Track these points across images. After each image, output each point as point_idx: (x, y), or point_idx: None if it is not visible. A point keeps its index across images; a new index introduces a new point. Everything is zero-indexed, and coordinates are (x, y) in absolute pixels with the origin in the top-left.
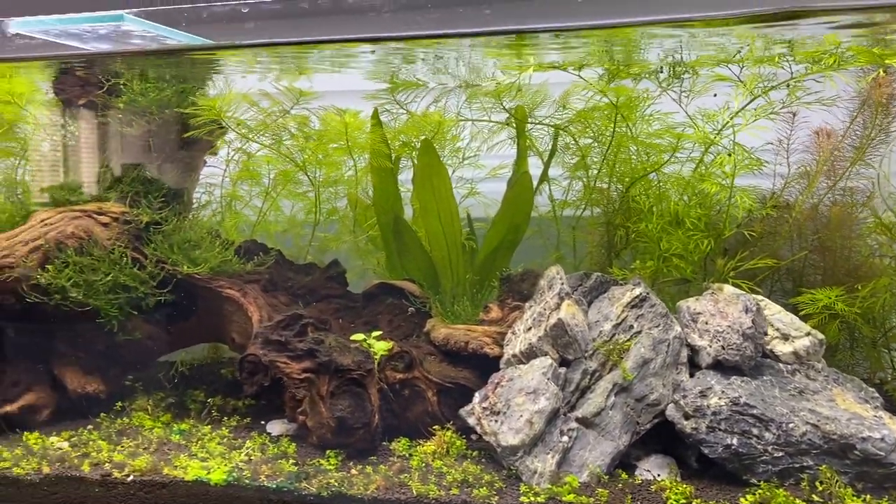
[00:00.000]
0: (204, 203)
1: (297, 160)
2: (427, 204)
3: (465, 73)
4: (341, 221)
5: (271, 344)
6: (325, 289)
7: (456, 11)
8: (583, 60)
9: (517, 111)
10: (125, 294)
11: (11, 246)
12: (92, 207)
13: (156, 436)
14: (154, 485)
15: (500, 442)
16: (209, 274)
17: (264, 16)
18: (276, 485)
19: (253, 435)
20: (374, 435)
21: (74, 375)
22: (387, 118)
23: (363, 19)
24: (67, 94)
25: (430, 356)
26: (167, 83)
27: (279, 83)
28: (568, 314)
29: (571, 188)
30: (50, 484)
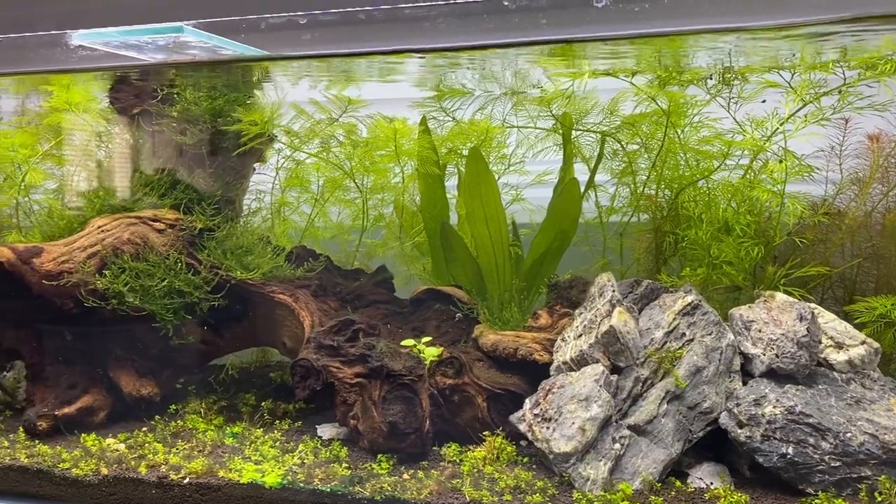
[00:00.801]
0: (254, 210)
1: (346, 167)
2: (474, 211)
3: (511, 80)
4: (388, 228)
5: (324, 349)
6: (372, 294)
7: (511, 20)
8: (634, 67)
9: (564, 118)
10: (180, 299)
11: (70, 252)
12: (147, 214)
13: (209, 439)
14: (210, 487)
15: (552, 448)
16: (261, 279)
17: (321, 26)
18: (329, 488)
19: (305, 438)
20: (426, 440)
21: (129, 378)
22: (433, 125)
23: (418, 28)
24: (123, 104)
25: (479, 362)
26: (219, 92)
27: (328, 92)
28: (620, 321)
29: (618, 194)
30: (108, 485)
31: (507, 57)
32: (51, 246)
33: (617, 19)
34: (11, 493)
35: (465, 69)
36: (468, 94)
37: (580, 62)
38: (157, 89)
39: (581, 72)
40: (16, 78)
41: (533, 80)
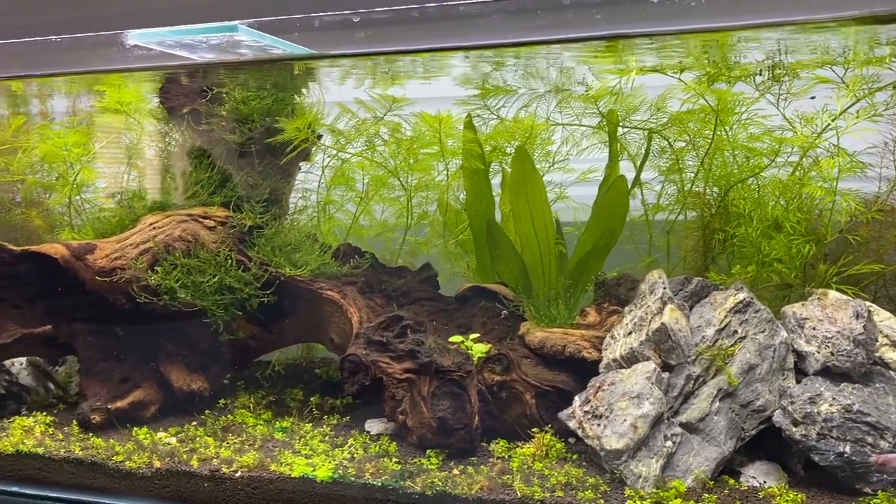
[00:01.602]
0: (300, 208)
1: (390, 165)
2: (520, 209)
3: (555, 77)
4: (431, 225)
5: (373, 344)
6: (417, 291)
7: (565, 17)
8: (682, 64)
9: (610, 115)
10: (230, 295)
11: (123, 248)
12: (198, 212)
13: (259, 433)
14: (261, 481)
15: (603, 446)
16: (309, 276)
17: (374, 24)
18: (380, 483)
19: (353, 433)
20: (474, 436)
21: (180, 373)
22: (477, 123)
23: (472, 25)
24: (172, 103)
25: (526, 359)
26: (268, 92)
27: (373, 91)
28: (671, 319)
29: (664, 192)
30: (161, 478)
31: (551, 54)
32: (104, 243)
33: (672, 14)
34: (66, 485)
35: (510, 67)
36: (512, 91)
37: (627, 58)
38: (206, 89)
39: (628, 68)
40: (70, 78)
41: (578, 77)
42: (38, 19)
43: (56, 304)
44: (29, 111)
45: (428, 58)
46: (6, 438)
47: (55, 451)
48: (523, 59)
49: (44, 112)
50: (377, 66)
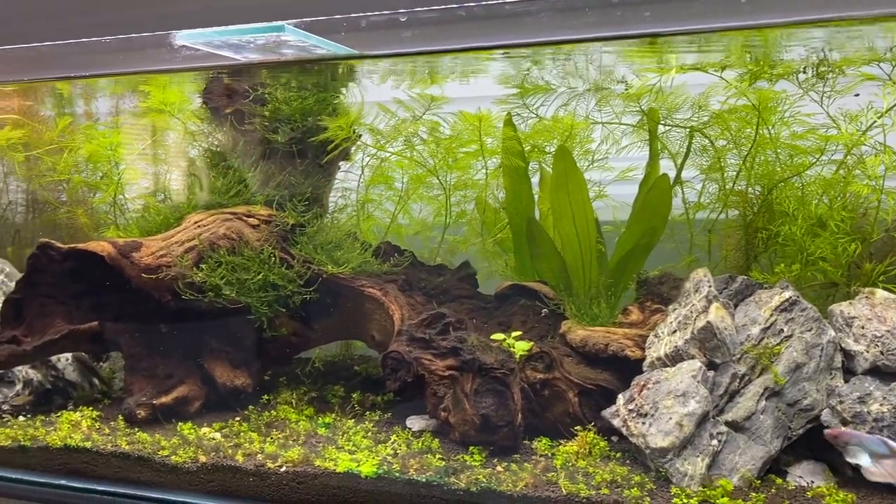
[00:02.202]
0: (340, 207)
1: (429, 165)
2: (561, 207)
3: (595, 75)
4: (469, 224)
5: (416, 341)
6: (456, 289)
7: (613, 14)
8: (724, 61)
9: (651, 113)
10: (274, 292)
11: (168, 246)
12: (241, 210)
13: (302, 428)
14: (306, 476)
15: (648, 444)
16: (351, 274)
17: (421, 24)
18: (425, 479)
19: (396, 429)
20: (518, 433)
21: (223, 369)
22: (516, 122)
23: (520, 24)
24: (215, 103)
25: (567, 357)
26: (309, 92)
27: (412, 90)
28: (717, 317)
29: (705, 190)
30: (207, 472)
31: (592, 52)
32: (149, 240)
33: (722, 12)
34: (113, 479)
35: (548, 65)
36: (551, 90)
37: (668, 56)
38: (248, 89)
39: (669, 66)
40: (115, 78)
41: (618, 75)
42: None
43: (102, 300)
44: (74, 112)
45: (470, 57)
46: (54, 432)
47: (102, 445)
48: (563, 57)
49: (88, 112)
50: (416, 66)
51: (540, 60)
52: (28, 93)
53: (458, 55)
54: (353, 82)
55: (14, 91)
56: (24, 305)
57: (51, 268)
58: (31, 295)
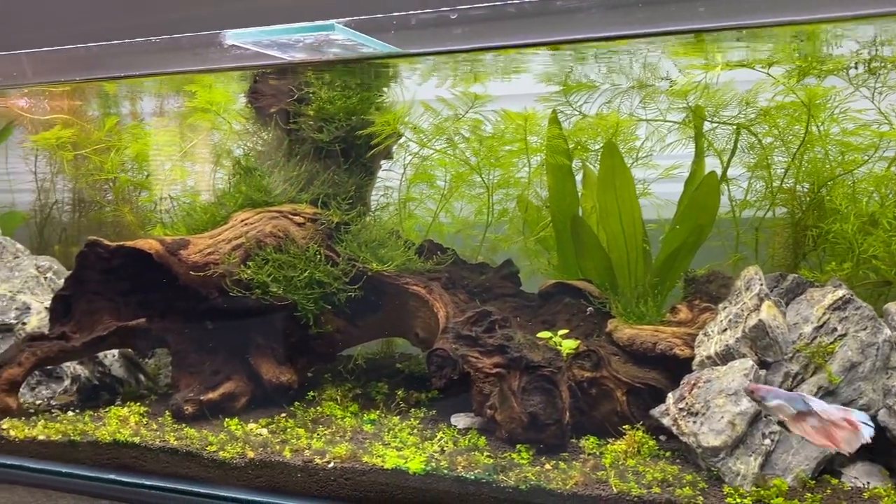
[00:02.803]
0: (383, 205)
1: (472, 163)
2: (608, 205)
3: (638, 72)
4: (511, 222)
5: (462, 339)
6: (499, 287)
7: (666, 10)
8: (771, 58)
9: (696, 111)
10: (320, 289)
11: (216, 244)
12: (287, 208)
13: (348, 425)
14: (354, 472)
15: (700, 443)
16: (395, 271)
17: (471, 21)
18: (474, 476)
19: (441, 427)
20: (565, 432)
21: (269, 366)
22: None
23: (571, 20)
24: (260, 103)
25: (614, 356)
26: (353, 91)
27: (455, 89)
28: (769, 315)
29: (752, 188)
30: (254, 468)
31: (636, 49)
32: (196, 238)
33: (774, 7)
34: (162, 474)
35: (592, 63)
36: (595, 87)
37: (715, 53)
38: (293, 88)
39: (715, 63)
40: (161, 78)
41: (662, 72)
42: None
43: (149, 298)
44: (120, 112)
45: (515, 54)
46: (103, 428)
47: (151, 440)
48: (606, 53)
49: (134, 112)
50: (460, 64)
51: (583, 57)
52: (77, 93)
53: (507, 52)
54: (395, 81)
55: (64, 91)
56: (73, 302)
57: (99, 265)
58: (80, 292)
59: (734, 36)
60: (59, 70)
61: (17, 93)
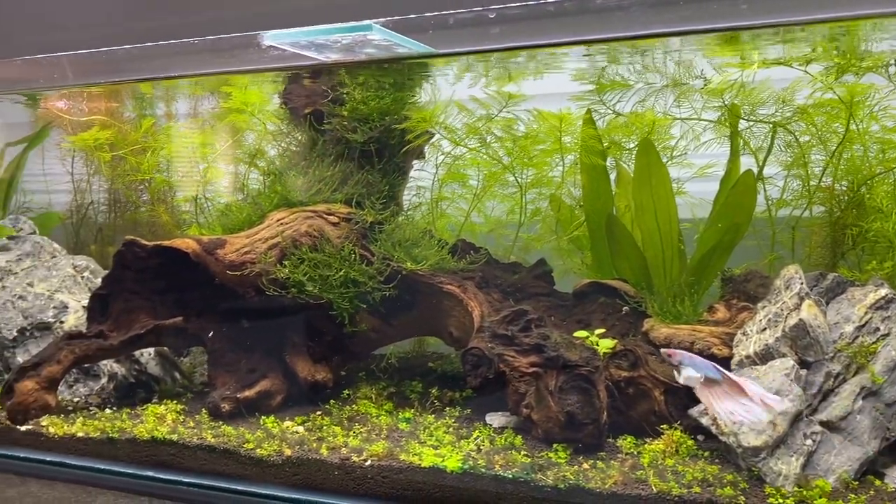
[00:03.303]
0: (416, 204)
1: (504, 162)
2: (644, 203)
3: (672, 71)
4: (543, 222)
5: (498, 338)
6: (533, 287)
7: (709, 7)
8: (809, 55)
9: (732, 109)
10: (355, 288)
11: (252, 243)
12: (322, 208)
13: (384, 423)
14: (391, 469)
15: (740, 442)
16: (429, 271)
17: (509, 20)
18: (511, 475)
19: (477, 425)
20: (603, 431)
21: (305, 364)
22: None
23: (610, 18)
24: (294, 104)
25: (650, 356)
26: (386, 91)
27: (488, 88)
28: (810, 314)
29: (788, 187)
30: (292, 465)
31: (670, 47)
32: (233, 238)
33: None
34: (200, 471)
35: (625, 61)
36: (628, 86)
37: (751, 51)
38: (327, 89)
39: (752, 61)
40: (196, 79)
41: (696, 70)
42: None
43: (185, 296)
44: (155, 113)
45: (548, 53)
46: (141, 425)
47: (188, 438)
48: (641, 51)
49: (169, 114)
50: (493, 64)
51: (617, 56)
52: (114, 94)
53: (549, 51)
54: (428, 81)
55: (101, 93)
56: (110, 301)
57: (136, 264)
58: (117, 291)
59: (772, 33)
60: (98, 72)
61: (55, 94)
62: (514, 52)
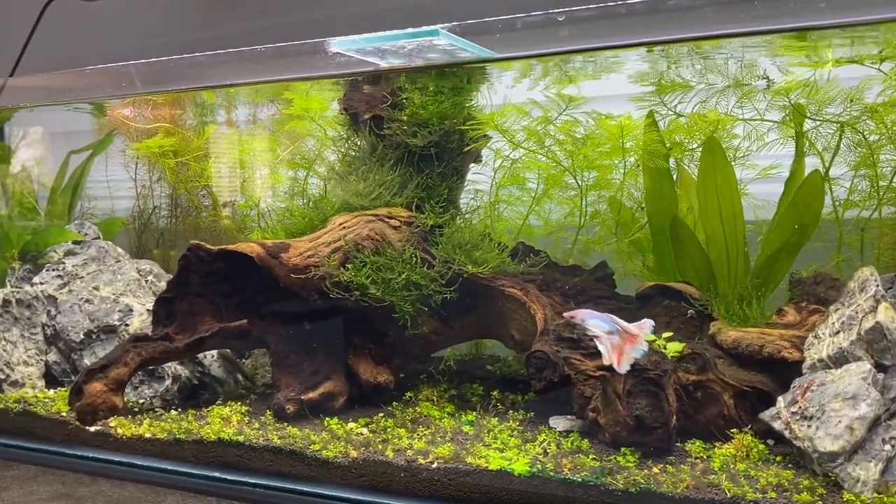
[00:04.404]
0: (474, 207)
1: (565, 165)
2: (707, 204)
3: (734, 71)
4: (602, 224)
5: (564, 341)
6: (594, 290)
7: (785, 6)
8: (882, 54)
9: (797, 109)
10: (416, 291)
11: (315, 247)
12: (382, 212)
13: (447, 426)
14: (458, 472)
15: (816, 447)
16: (490, 273)
17: (578, 22)
18: (581, 478)
19: (541, 429)
20: (672, 435)
21: (367, 366)
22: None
23: (683, 18)
24: (355, 109)
25: (718, 359)
26: (445, 96)
27: (549, 91)
28: (886, 317)
29: (855, 188)
30: (358, 467)
31: (734, 48)
32: (296, 242)
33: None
34: (266, 472)
35: (687, 62)
36: (689, 87)
37: (823, 50)
38: (386, 94)
39: (822, 60)
40: (257, 87)
41: (759, 70)
42: (241, 28)
43: (248, 299)
44: (216, 119)
45: (610, 55)
46: (207, 426)
47: (254, 439)
48: (703, 52)
49: (230, 120)
50: (550, 67)
51: (677, 57)
52: (177, 102)
53: (606, 53)
54: (486, 84)
55: (165, 100)
56: (176, 304)
57: (200, 268)
58: (182, 294)
59: (844, 32)
60: (165, 80)
61: (120, 102)
62: (573, 56)
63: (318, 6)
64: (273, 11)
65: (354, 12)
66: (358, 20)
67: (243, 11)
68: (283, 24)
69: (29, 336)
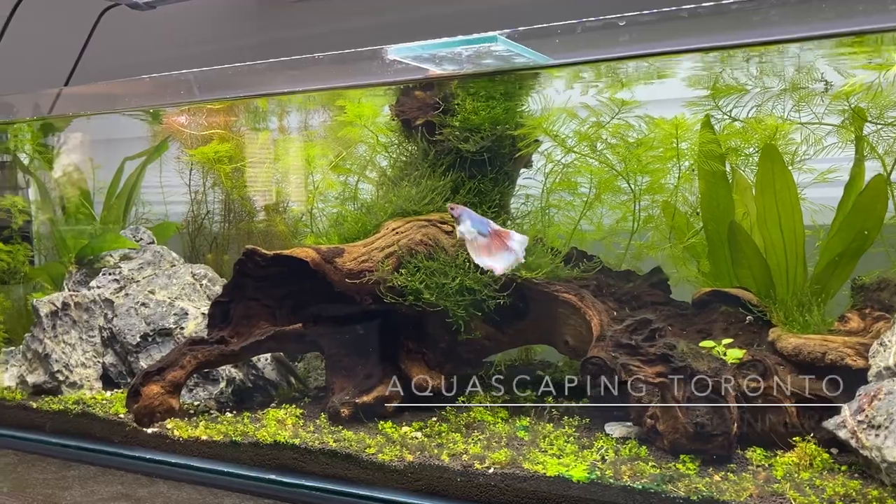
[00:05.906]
0: (526, 213)
1: (618, 169)
2: (766, 210)
3: (791, 74)
4: (656, 229)
5: (622, 347)
6: (648, 295)
7: (855, 8)
8: None
9: (857, 112)
10: (470, 296)
11: (369, 252)
12: (435, 217)
13: (502, 431)
14: (515, 478)
15: (885, 457)
16: (544, 279)
17: (639, 25)
18: (640, 486)
19: (598, 435)
20: (732, 443)
21: (420, 370)
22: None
23: (747, 22)
24: (407, 115)
25: (779, 366)
26: (497, 101)
27: (601, 95)
28: None
29: None
30: (414, 471)
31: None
32: (350, 247)
33: None
34: (321, 475)
35: (742, 65)
36: (745, 91)
37: (889, 51)
38: (438, 101)
39: (887, 62)
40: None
41: (817, 73)
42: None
43: (303, 303)
44: (268, 126)
45: (665, 59)
46: (263, 429)
47: (310, 442)
48: (760, 55)
49: (282, 127)
50: (608, 71)
51: (729, 63)
52: (231, 109)
53: (662, 57)
54: (537, 89)
55: (220, 108)
56: (231, 308)
57: (256, 272)
58: (237, 298)
59: None
60: (224, 87)
61: (176, 110)
62: (628, 61)
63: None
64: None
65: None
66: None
67: (291, 19)
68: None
69: (87, 339)
